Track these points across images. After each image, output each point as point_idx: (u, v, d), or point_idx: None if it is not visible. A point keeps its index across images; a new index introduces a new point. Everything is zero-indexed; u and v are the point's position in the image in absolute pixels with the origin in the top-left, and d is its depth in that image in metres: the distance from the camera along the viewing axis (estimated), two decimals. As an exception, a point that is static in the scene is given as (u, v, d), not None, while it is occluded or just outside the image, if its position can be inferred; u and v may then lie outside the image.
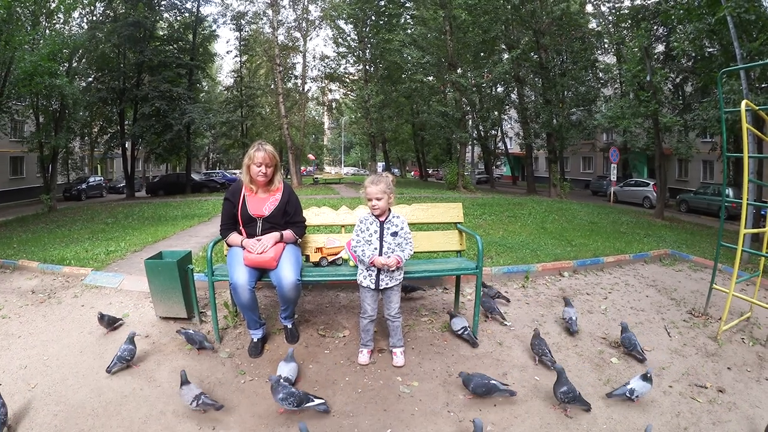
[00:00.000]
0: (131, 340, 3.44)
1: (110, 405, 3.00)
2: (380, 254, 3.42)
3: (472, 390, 3.06)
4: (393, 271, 3.42)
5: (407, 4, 28.41)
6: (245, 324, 3.87)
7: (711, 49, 15.63)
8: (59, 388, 3.17)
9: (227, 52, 37.30)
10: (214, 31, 32.53)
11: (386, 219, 3.47)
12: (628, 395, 3.02)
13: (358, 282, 3.54)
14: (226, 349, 3.73)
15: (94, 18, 25.94)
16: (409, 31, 26.04)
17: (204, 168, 53.65)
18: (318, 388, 3.23)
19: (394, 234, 3.45)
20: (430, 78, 26.49)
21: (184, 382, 2.91)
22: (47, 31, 18.40)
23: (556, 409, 3.03)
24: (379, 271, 3.42)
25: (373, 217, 3.48)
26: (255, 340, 3.73)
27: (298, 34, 32.01)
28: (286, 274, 3.45)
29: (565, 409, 3.01)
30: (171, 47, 29.44)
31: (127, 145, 30.01)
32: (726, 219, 5.37)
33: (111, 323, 4.01)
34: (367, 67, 31.84)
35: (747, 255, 6.78)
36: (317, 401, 2.89)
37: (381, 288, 3.47)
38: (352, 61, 33.29)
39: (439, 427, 2.86)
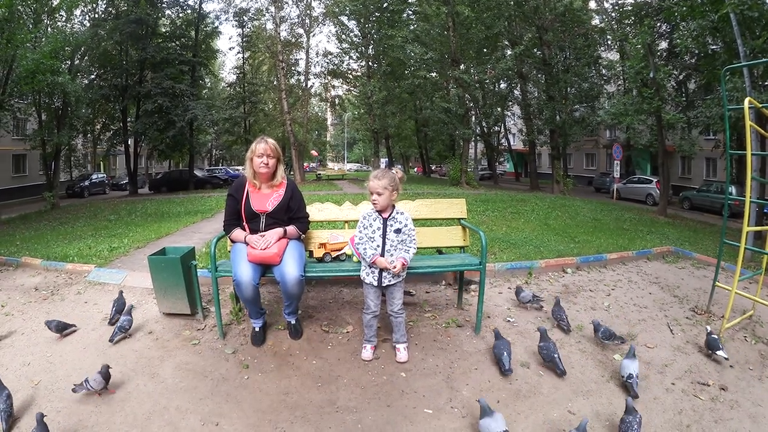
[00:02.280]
0: (129, 311, 3.92)
1: (113, 401, 3.02)
2: (383, 252, 3.41)
3: None
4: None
5: (410, 0, 28.35)
6: (248, 319, 3.89)
7: (714, 47, 15.54)
8: (62, 385, 3.18)
9: (230, 49, 37.35)
10: (217, 27, 32.64)
11: (389, 215, 3.45)
12: (636, 378, 3.20)
13: (361, 278, 3.54)
14: (230, 345, 3.74)
15: (96, 15, 25.91)
16: (411, 27, 25.99)
17: (207, 164, 53.86)
18: (321, 384, 3.24)
19: (398, 231, 3.42)
20: (433, 74, 26.46)
21: None
22: (49, 28, 18.43)
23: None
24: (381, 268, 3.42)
25: (377, 213, 3.47)
26: (257, 329, 3.80)
27: (300, 31, 32.09)
28: (290, 269, 3.45)
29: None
30: (173, 44, 29.46)
31: (130, 142, 30.10)
32: (729, 216, 5.36)
33: (61, 329, 3.87)
34: (370, 63, 31.81)
35: (750, 253, 6.75)
36: None
37: (384, 285, 3.47)
38: (355, 57, 33.29)
39: (443, 422, 2.87)
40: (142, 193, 30.10)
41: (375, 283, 3.45)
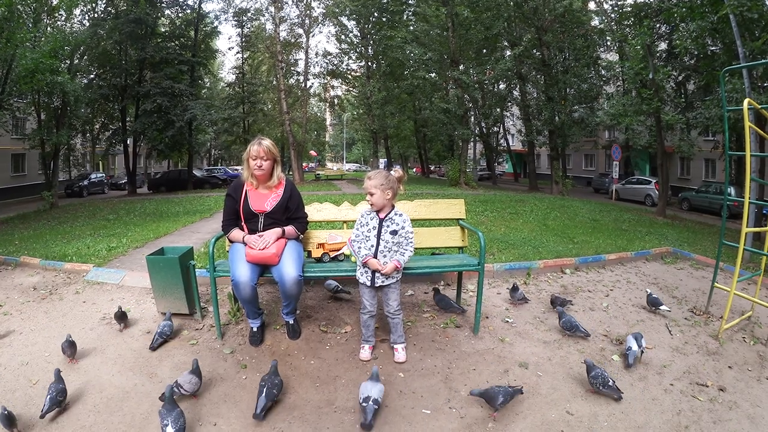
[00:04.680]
0: (169, 317, 3.84)
1: (112, 401, 3.01)
2: (376, 252, 3.39)
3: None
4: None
5: (410, 1, 28.37)
6: (246, 319, 3.89)
7: (713, 48, 15.57)
8: (61, 384, 3.17)
9: (229, 49, 37.28)
10: (216, 27, 32.60)
11: (386, 216, 3.42)
12: (637, 354, 3.51)
13: (357, 278, 3.54)
14: (228, 345, 3.74)
15: (96, 15, 25.93)
16: (411, 27, 26.00)
17: (206, 164, 53.78)
18: (319, 384, 3.24)
19: (394, 232, 3.39)
20: (433, 75, 26.47)
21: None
22: (49, 28, 18.44)
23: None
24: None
25: (375, 212, 3.46)
26: (254, 329, 3.79)
27: (300, 31, 32.06)
28: (288, 270, 3.45)
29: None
30: (172, 44, 29.44)
31: (129, 141, 30.09)
32: (728, 217, 5.37)
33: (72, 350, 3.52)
34: (370, 63, 31.86)
35: (748, 254, 6.77)
36: None
37: (377, 285, 3.44)
38: (354, 58, 33.33)
39: (441, 423, 2.86)
40: (140, 192, 30.08)
41: (368, 283, 3.44)
